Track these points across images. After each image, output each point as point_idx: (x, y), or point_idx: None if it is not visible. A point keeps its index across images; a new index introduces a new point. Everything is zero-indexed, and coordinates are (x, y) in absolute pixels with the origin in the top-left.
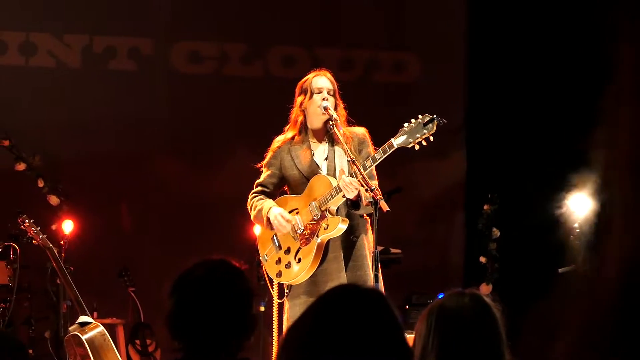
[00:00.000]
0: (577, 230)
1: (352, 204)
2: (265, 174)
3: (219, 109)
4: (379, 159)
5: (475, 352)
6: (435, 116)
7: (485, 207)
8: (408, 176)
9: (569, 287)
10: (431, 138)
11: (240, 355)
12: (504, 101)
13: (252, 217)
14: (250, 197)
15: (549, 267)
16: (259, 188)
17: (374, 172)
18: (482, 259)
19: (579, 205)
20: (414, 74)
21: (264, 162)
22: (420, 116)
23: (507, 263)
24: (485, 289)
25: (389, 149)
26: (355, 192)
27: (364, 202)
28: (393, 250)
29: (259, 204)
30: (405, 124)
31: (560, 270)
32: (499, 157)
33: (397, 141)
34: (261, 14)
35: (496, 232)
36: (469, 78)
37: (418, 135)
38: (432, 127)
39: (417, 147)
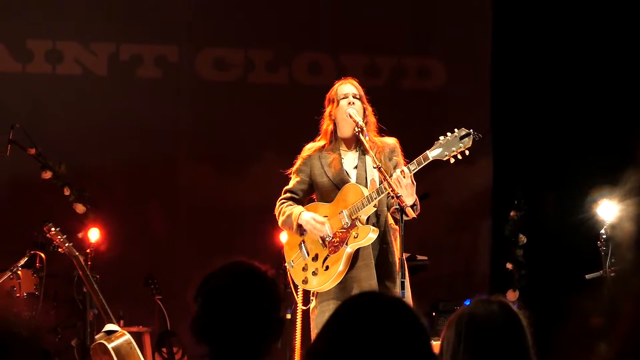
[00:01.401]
0: (604, 236)
1: (402, 209)
2: (294, 180)
3: (244, 116)
4: (413, 170)
5: (505, 358)
6: (471, 130)
7: (512, 213)
8: (434, 182)
9: (597, 293)
10: (467, 152)
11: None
12: (530, 106)
13: (280, 222)
14: (278, 203)
15: (577, 273)
16: (288, 194)
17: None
18: (509, 266)
19: (607, 211)
20: (439, 80)
21: (293, 169)
22: (456, 130)
23: (533, 269)
24: (511, 296)
25: (424, 161)
26: (413, 197)
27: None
28: (419, 257)
29: (288, 210)
30: (441, 137)
31: (587, 276)
32: (526, 162)
33: (433, 154)
34: (286, 21)
35: (523, 239)
36: (494, 83)
37: (454, 149)
38: (468, 142)
39: (452, 161)
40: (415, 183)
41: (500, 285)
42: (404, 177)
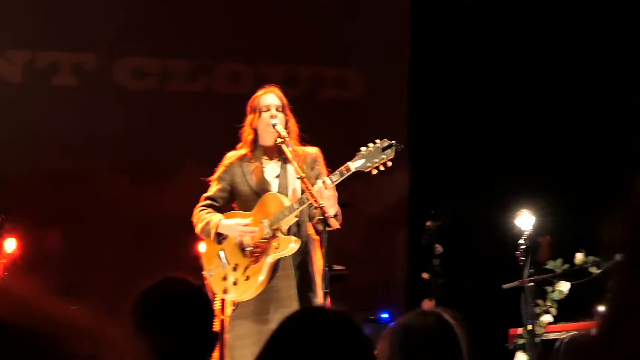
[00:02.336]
0: (523, 247)
1: (324, 220)
2: (215, 187)
3: (163, 126)
4: (335, 181)
5: None
6: (394, 142)
7: (429, 223)
8: (351, 193)
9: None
10: (389, 163)
11: None
12: (447, 118)
13: (198, 229)
14: (197, 209)
15: (494, 284)
16: (208, 201)
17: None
18: (425, 275)
19: (525, 222)
20: (357, 90)
21: (214, 177)
22: (378, 140)
23: (450, 279)
24: (427, 305)
25: (347, 172)
26: (335, 208)
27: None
28: (337, 267)
29: (207, 217)
30: (363, 148)
31: (505, 286)
32: (443, 173)
33: (355, 165)
34: (205, 30)
35: (439, 248)
36: (411, 93)
37: (376, 160)
38: (391, 153)
39: (374, 172)
40: (337, 194)
41: (417, 295)
42: (326, 188)
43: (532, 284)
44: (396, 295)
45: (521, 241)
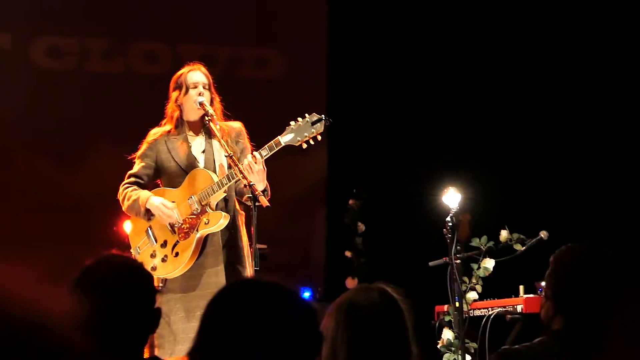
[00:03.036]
0: (450, 224)
1: (254, 198)
2: (139, 165)
3: (80, 106)
4: (265, 156)
5: (385, 345)
6: (323, 116)
7: (351, 201)
8: (270, 172)
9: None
10: (319, 137)
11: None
12: (368, 95)
13: (125, 207)
14: (122, 187)
15: (420, 261)
16: (132, 179)
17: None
18: (348, 253)
19: (452, 199)
20: (276, 70)
21: (138, 154)
22: (307, 115)
23: (374, 258)
24: (350, 283)
25: (276, 147)
26: (264, 183)
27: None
28: (259, 246)
29: (134, 194)
30: (292, 122)
31: (430, 263)
32: (364, 151)
33: (285, 139)
34: (122, 9)
35: (361, 227)
36: (330, 73)
37: (306, 134)
38: (320, 127)
39: (304, 146)
40: (266, 168)
41: (337, 274)
42: (256, 162)
43: (458, 261)
44: (316, 274)
45: (448, 219)
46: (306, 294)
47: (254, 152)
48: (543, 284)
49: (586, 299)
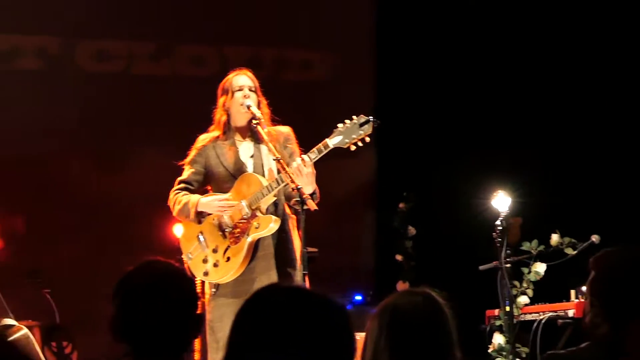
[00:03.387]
0: (499, 228)
1: (301, 201)
2: (188, 171)
3: (127, 108)
4: (314, 159)
5: (428, 351)
6: (370, 117)
7: (401, 205)
8: (319, 175)
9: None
10: (367, 139)
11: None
12: (417, 98)
13: (175, 211)
14: (172, 193)
15: (471, 265)
16: (182, 185)
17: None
18: (398, 257)
19: (502, 203)
20: (322, 72)
21: (187, 160)
22: (354, 117)
23: (424, 261)
24: (401, 287)
25: (325, 149)
26: (313, 186)
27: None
28: (310, 249)
29: (185, 198)
30: (340, 125)
31: (481, 267)
32: (414, 154)
33: (333, 141)
34: (169, 12)
35: (412, 230)
36: (378, 75)
37: (354, 136)
38: (368, 128)
39: (352, 148)
40: (315, 171)
41: (387, 278)
42: (305, 165)
43: (508, 265)
44: (366, 278)
45: (497, 222)
46: (357, 298)
47: (303, 155)
48: (584, 288)
49: (633, 304)
